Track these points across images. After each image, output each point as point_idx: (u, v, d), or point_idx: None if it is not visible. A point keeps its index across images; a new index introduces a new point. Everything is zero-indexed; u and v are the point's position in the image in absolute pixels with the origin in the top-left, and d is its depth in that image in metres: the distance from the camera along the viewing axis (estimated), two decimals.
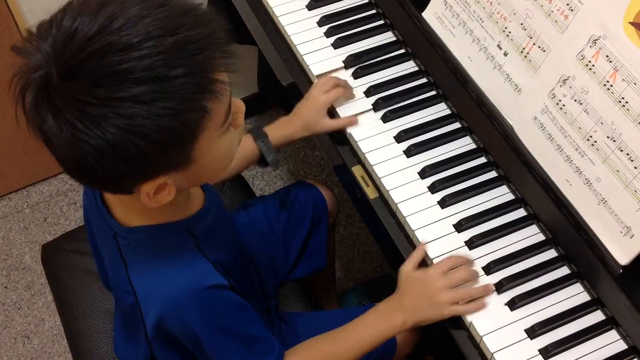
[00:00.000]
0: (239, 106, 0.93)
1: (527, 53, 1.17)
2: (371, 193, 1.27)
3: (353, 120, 1.31)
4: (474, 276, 1.13)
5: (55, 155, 0.84)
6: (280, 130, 1.33)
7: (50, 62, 0.79)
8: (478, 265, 1.15)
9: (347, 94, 1.34)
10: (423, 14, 1.32)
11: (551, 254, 1.17)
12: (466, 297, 1.11)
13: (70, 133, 0.79)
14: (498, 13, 1.20)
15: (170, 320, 1.00)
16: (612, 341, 1.10)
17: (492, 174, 1.26)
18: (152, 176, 0.86)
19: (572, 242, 1.12)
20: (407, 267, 1.15)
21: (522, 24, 1.17)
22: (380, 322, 1.13)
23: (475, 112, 1.24)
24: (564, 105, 1.12)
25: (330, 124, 1.32)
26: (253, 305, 1.07)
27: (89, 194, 1.06)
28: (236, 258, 1.16)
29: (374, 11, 1.46)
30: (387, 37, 1.43)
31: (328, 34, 1.42)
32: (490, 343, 1.09)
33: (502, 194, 1.23)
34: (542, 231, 1.19)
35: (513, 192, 1.23)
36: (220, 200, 1.16)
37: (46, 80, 0.80)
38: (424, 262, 1.18)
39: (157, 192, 0.89)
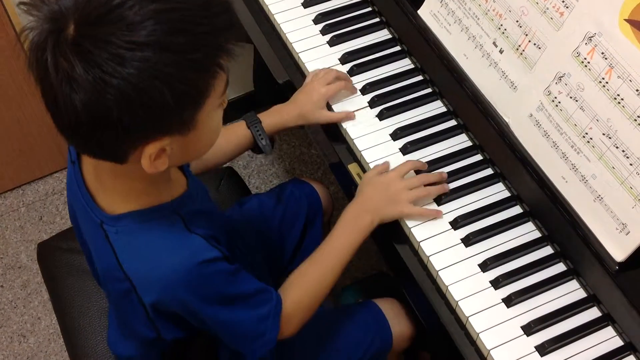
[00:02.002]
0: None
1: (523, 50, 1.17)
2: None
3: (350, 115, 1.31)
4: (430, 180, 1.21)
5: (64, 112, 0.85)
6: (274, 117, 1.34)
7: (69, 15, 0.83)
8: (475, 263, 1.16)
9: (348, 87, 1.34)
10: (419, 11, 1.32)
11: (547, 250, 1.17)
12: (423, 195, 1.20)
13: (99, 76, 0.82)
14: (493, 10, 1.21)
15: (168, 299, 1.01)
16: (608, 338, 1.10)
17: (488, 171, 1.26)
18: (159, 134, 0.89)
19: (568, 239, 1.12)
20: (372, 173, 1.23)
21: (517, 21, 1.17)
22: (351, 228, 1.20)
23: (471, 110, 1.24)
24: (559, 102, 1.12)
25: (327, 115, 1.32)
26: None
27: (73, 186, 1.06)
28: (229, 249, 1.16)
29: (369, 9, 1.46)
30: (383, 34, 1.43)
31: (324, 32, 1.42)
32: (486, 340, 1.09)
33: (498, 191, 1.23)
34: (538, 228, 1.19)
35: (509, 189, 1.23)
36: (208, 195, 1.18)
37: (68, 29, 0.82)
38: None
39: (156, 158, 0.92)
